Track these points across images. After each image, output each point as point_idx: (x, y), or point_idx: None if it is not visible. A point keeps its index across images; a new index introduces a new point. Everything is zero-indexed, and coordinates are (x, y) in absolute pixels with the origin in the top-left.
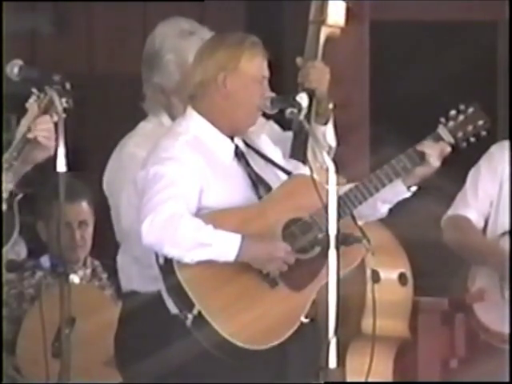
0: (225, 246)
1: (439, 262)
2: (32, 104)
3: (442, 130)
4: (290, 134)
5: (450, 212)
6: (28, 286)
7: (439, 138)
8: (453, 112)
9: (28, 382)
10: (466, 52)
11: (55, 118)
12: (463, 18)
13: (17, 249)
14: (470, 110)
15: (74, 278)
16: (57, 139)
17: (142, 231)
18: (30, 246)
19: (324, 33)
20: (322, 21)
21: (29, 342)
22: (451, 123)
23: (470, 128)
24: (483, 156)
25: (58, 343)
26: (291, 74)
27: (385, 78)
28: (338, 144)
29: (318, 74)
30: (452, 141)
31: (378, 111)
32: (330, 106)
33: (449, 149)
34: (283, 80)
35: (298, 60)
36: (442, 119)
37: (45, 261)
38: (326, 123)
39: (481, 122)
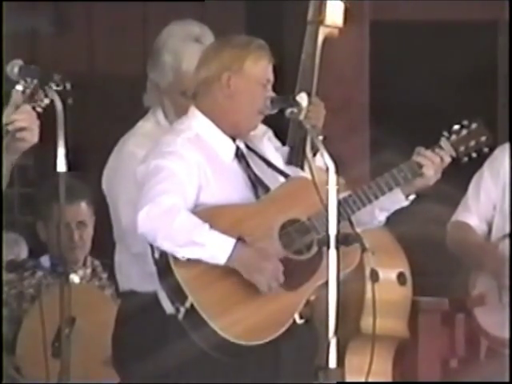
0: (217, 249)
1: (440, 261)
2: (16, 92)
3: (444, 143)
4: (286, 149)
5: (453, 218)
6: (28, 285)
7: (440, 151)
8: (456, 126)
9: (28, 382)
10: (466, 52)
11: (38, 109)
12: (463, 18)
13: (16, 249)
14: (474, 125)
15: (74, 278)
16: (57, 139)
17: (138, 219)
18: (30, 246)
19: (322, 33)
20: (320, 21)
21: (29, 342)
22: (454, 137)
23: (472, 143)
24: (487, 159)
25: (57, 343)
26: (291, 74)
27: (385, 78)
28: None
29: (317, 112)
30: (454, 154)
31: (378, 111)
32: (320, 137)
33: (448, 161)
34: (283, 80)
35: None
36: (445, 133)
37: (45, 261)
38: None
39: (483, 138)
